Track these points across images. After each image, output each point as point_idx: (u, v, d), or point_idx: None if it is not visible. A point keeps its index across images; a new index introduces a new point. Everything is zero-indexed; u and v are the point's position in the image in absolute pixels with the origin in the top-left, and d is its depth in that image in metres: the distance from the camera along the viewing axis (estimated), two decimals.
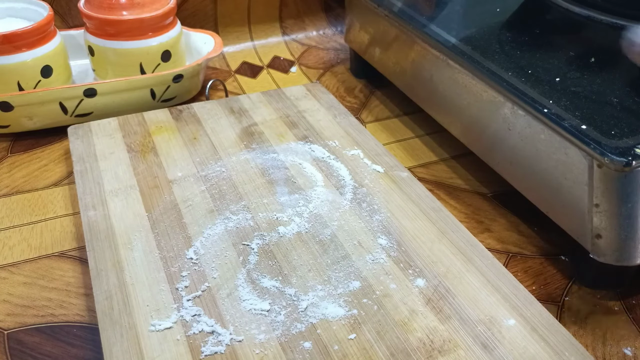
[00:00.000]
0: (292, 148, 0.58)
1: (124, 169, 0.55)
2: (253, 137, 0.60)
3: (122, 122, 0.62)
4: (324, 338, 0.39)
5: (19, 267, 0.49)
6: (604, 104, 0.46)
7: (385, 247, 0.46)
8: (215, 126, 0.62)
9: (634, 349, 0.43)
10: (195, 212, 0.50)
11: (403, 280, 0.44)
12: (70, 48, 0.71)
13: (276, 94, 0.68)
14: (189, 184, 0.53)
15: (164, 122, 0.62)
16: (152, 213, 0.50)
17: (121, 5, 0.66)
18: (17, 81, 0.63)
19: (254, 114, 0.64)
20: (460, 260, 0.45)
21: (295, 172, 0.55)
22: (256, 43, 0.86)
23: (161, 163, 0.56)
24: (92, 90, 0.64)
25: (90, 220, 0.49)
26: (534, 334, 0.39)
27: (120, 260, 0.45)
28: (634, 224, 0.42)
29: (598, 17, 0.58)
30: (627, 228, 0.42)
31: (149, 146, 0.58)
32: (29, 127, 0.64)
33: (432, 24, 0.59)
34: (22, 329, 0.44)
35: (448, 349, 0.38)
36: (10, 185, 0.59)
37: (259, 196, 0.52)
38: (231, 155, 0.57)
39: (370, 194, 0.52)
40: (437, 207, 0.51)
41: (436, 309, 0.41)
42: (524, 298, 0.42)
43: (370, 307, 0.41)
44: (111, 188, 0.53)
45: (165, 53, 0.69)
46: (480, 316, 0.41)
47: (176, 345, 0.39)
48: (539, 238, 0.53)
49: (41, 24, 0.63)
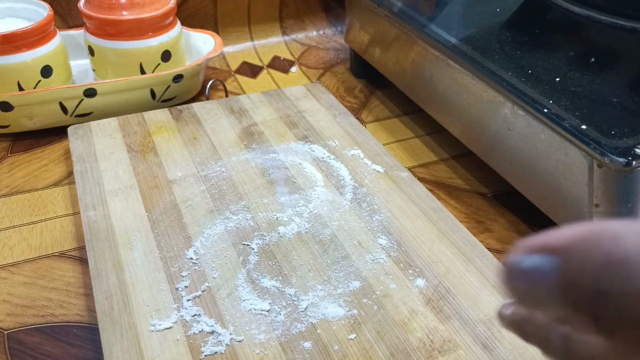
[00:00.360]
0: (292, 148, 0.58)
1: (124, 169, 0.55)
2: (253, 137, 0.60)
3: (122, 122, 0.62)
4: (324, 338, 0.39)
5: (19, 267, 0.49)
6: (604, 104, 0.46)
7: (385, 247, 0.46)
8: (215, 126, 0.62)
9: None
10: (195, 212, 0.50)
11: (403, 280, 0.44)
12: (70, 48, 0.71)
13: (276, 94, 0.68)
14: (189, 184, 0.53)
15: (164, 122, 0.62)
16: (152, 213, 0.50)
17: (121, 5, 0.66)
18: (17, 81, 0.63)
19: (254, 114, 0.64)
20: (460, 260, 0.45)
21: (295, 172, 0.55)
22: (256, 43, 0.86)
23: (161, 163, 0.56)
24: (92, 90, 0.64)
25: (90, 220, 0.49)
26: None
27: (120, 260, 0.45)
28: None
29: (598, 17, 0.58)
30: None
31: (149, 146, 0.58)
32: (29, 127, 0.64)
33: (432, 24, 0.59)
34: (22, 329, 0.44)
35: (448, 349, 0.38)
36: (10, 185, 0.59)
37: (259, 196, 0.52)
38: (231, 155, 0.57)
39: (370, 194, 0.52)
40: (437, 207, 0.51)
41: (436, 309, 0.41)
42: None
43: (370, 307, 0.41)
44: (111, 188, 0.53)
45: (165, 53, 0.69)
46: (480, 316, 0.41)
47: (176, 345, 0.39)
48: None
49: (41, 24, 0.63)
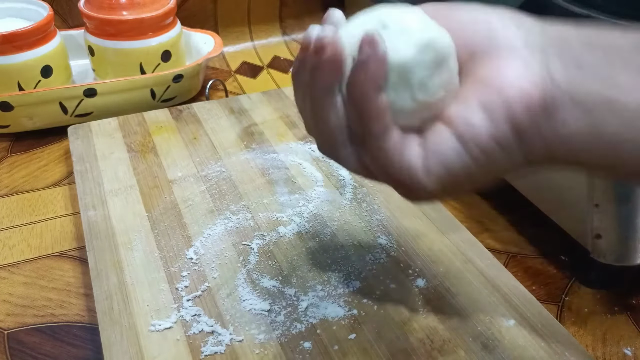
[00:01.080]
0: (292, 148, 0.58)
1: (124, 169, 0.55)
2: (253, 137, 0.60)
3: (122, 122, 0.62)
4: (324, 338, 0.39)
5: (19, 267, 0.49)
6: None
7: (385, 247, 0.46)
8: (215, 126, 0.62)
9: (634, 349, 0.43)
10: (195, 212, 0.50)
11: (403, 280, 0.44)
12: (70, 48, 0.71)
13: (276, 94, 0.67)
14: (189, 184, 0.53)
15: (164, 122, 0.62)
16: (152, 213, 0.50)
17: (121, 5, 0.66)
18: (17, 81, 0.63)
19: (254, 114, 0.64)
20: (460, 260, 0.45)
21: (295, 172, 0.55)
22: (256, 43, 0.86)
23: (161, 163, 0.56)
24: (92, 90, 0.64)
25: (90, 220, 0.49)
26: (533, 334, 0.39)
27: (120, 260, 0.45)
28: (633, 224, 0.42)
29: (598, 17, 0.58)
30: (627, 228, 0.42)
31: (149, 146, 0.58)
32: (29, 127, 0.64)
33: None
34: (22, 329, 0.44)
35: (448, 349, 0.38)
36: (10, 185, 0.59)
37: (259, 196, 0.52)
38: (231, 155, 0.57)
39: (370, 193, 0.52)
40: (436, 207, 0.51)
41: (436, 309, 0.41)
42: (524, 298, 0.42)
43: (371, 307, 0.41)
44: (111, 188, 0.52)
45: (165, 53, 0.69)
46: (480, 316, 0.41)
47: (176, 345, 0.39)
48: (539, 238, 0.53)
49: (41, 24, 0.63)
